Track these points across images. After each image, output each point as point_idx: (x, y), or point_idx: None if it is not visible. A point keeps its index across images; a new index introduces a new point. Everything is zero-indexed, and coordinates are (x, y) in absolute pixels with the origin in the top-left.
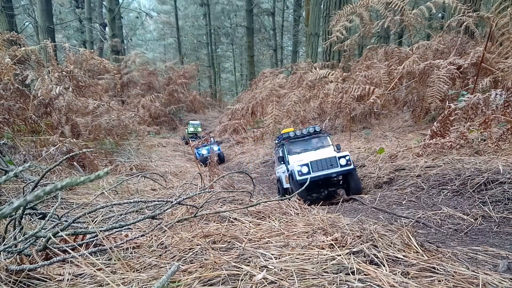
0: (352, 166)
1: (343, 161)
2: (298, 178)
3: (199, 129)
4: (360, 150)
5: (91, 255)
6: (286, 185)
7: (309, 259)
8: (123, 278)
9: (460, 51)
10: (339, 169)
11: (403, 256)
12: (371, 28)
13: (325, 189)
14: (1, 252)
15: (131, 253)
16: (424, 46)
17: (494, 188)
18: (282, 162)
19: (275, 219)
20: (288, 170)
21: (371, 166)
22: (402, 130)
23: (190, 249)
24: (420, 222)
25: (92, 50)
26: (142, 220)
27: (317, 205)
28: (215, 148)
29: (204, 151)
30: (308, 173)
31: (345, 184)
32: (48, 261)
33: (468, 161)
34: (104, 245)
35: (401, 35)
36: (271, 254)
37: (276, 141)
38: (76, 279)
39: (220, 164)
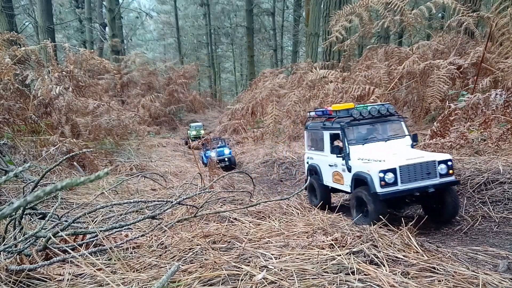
0: (453, 177)
1: (442, 169)
2: (380, 190)
3: (202, 132)
4: None
5: (91, 255)
6: (331, 183)
7: (309, 259)
8: (123, 278)
9: (460, 51)
10: (437, 180)
11: (403, 256)
12: (371, 28)
13: (405, 205)
14: (1, 252)
15: (131, 253)
16: (424, 46)
17: (494, 188)
18: (320, 149)
19: (275, 219)
20: (348, 169)
21: None
22: None
23: (190, 249)
24: (420, 222)
25: (92, 50)
26: (142, 220)
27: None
28: (226, 151)
29: (213, 154)
30: (395, 183)
31: (435, 203)
32: (48, 261)
33: (468, 161)
34: (104, 245)
35: (401, 35)
36: (271, 254)
37: (310, 115)
38: (76, 279)
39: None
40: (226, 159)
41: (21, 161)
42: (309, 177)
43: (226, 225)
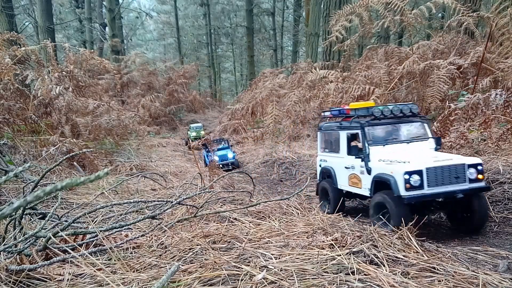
0: (483, 183)
1: (472, 173)
2: (405, 193)
3: (202, 132)
4: None
5: (91, 255)
6: (347, 186)
7: (309, 259)
8: (123, 278)
9: (460, 51)
10: (466, 185)
11: (403, 256)
12: (371, 28)
13: (429, 211)
14: (1, 252)
15: (131, 253)
16: (424, 46)
17: (494, 188)
18: (335, 150)
19: (275, 219)
20: (368, 171)
21: None
22: None
23: (190, 249)
24: (420, 221)
25: (92, 50)
26: (142, 220)
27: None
28: (230, 155)
29: (216, 158)
30: (421, 186)
31: (462, 210)
32: (48, 261)
33: None
34: (104, 245)
35: (401, 35)
36: (271, 254)
37: (324, 115)
38: (76, 279)
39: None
40: (229, 163)
41: (21, 161)
42: (321, 180)
43: (226, 225)
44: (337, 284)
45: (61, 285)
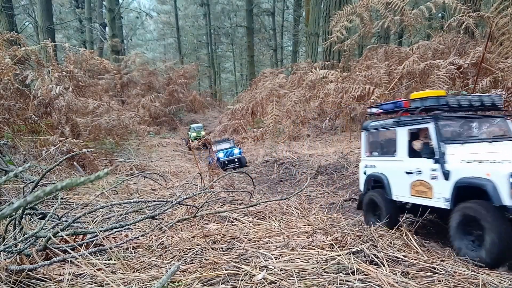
0: None
1: None
2: (511, 202)
3: (202, 132)
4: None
5: (91, 255)
6: (408, 197)
7: (309, 259)
8: (123, 278)
9: (460, 51)
10: None
11: (403, 256)
12: (371, 28)
13: None
14: (1, 252)
15: (131, 253)
16: (424, 46)
17: None
18: (390, 153)
19: (275, 219)
20: (445, 175)
21: None
22: None
23: (190, 249)
24: (420, 221)
25: (92, 50)
26: (142, 220)
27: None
28: (236, 151)
29: (221, 154)
30: None
31: None
32: (48, 261)
33: None
34: (104, 245)
35: (401, 35)
36: (271, 254)
37: (371, 111)
38: (76, 279)
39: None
40: (236, 159)
41: (21, 161)
42: (366, 191)
43: (226, 225)
44: (337, 284)
45: (61, 285)
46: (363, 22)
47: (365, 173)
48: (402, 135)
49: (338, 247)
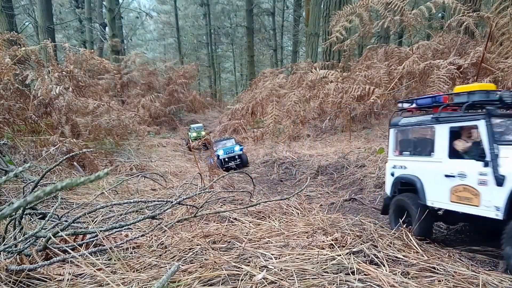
0: None
1: None
2: None
3: (203, 133)
4: (360, 150)
5: (91, 255)
6: (446, 203)
7: (309, 259)
8: (123, 278)
9: (460, 51)
10: None
11: (403, 256)
12: (371, 28)
13: None
14: (1, 252)
15: (131, 253)
16: (424, 46)
17: None
18: (425, 153)
19: (275, 219)
20: (498, 180)
21: (371, 166)
22: None
23: (190, 249)
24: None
25: (92, 50)
26: (142, 220)
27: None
28: (237, 148)
29: (220, 152)
30: None
31: None
32: (48, 261)
33: None
34: (104, 245)
35: (401, 35)
36: (271, 254)
37: (403, 106)
38: (76, 279)
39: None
40: (236, 156)
41: (21, 161)
42: (393, 195)
43: (226, 225)
44: (337, 284)
45: (61, 285)
46: (363, 22)
47: (392, 174)
48: (442, 133)
49: (338, 247)
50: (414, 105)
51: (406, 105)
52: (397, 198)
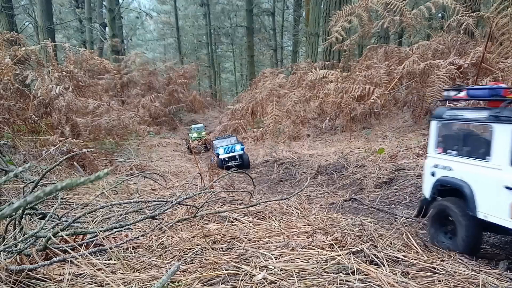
0: None
1: None
2: None
3: (203, 133)
4: (360, 150)
5: (91, 255)
6: (503, 219)
7: (309, 259)
8: (123, 278)
9: (460, 51)
10: None
11: (403, 256)
12: (370, 28)
13: None
14: (1, 252)
15: (131, 253)
16: (424, 46)
17: None
18: (478, 155)
19: (275, 219)
20: None
21: (371, 166)
22: (402, 130)
23: (190, 249)
24: (420, 222)
25: (92, 50)
26: (142, 220)
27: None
28: (238, 147)
29: (221, 151)
30: None
31: None
32: (48, 261)
33: None
34: (104, 245)
35: (401, 35)
36: (271, 254)
37: (449, 95)
38: (76, 279)
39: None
40: (237, 156)
41: (21, 161)
42: (433, 197)
43: (226, 225)
44: (337, 284)
45: (61, 285)
46: (363, 22)
47: (433, 174)
48: (503, 135)
49: (338, 247)
50: (463, 95)
51: (453, 93)
52: (441, 203)
